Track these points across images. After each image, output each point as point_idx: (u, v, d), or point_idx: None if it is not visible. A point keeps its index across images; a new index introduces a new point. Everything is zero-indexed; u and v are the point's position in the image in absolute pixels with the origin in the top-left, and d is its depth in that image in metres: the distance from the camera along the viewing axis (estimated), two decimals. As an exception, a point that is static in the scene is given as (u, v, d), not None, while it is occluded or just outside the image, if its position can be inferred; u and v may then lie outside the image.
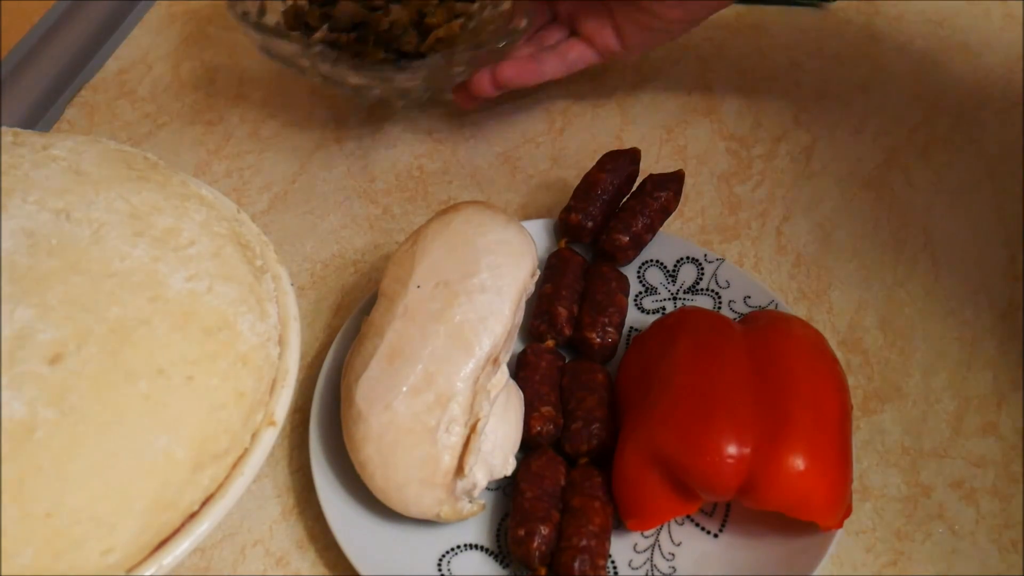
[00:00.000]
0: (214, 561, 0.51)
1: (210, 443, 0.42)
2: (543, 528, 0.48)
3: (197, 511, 0.42)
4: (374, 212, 0.67)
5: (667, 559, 0.49)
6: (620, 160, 0.62)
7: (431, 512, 0.48)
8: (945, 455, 0.54)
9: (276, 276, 0.51)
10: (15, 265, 0.41)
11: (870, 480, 0.53)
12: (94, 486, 0.39)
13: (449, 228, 0.53)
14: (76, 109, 0.75)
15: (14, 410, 0.38)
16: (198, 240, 0.47)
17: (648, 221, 0.59)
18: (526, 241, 0.54)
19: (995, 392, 0.57)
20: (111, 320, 0.41)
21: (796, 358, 0.50)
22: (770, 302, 0.58)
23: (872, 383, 0.57)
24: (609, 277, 0.58)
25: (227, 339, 0.44)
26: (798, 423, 0.47)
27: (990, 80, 0.72)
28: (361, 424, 0.48)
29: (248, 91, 0.76)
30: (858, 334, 0.60)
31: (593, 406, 0.52)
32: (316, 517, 0.51)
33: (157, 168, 0.51)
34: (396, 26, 0.66)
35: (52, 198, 0.45)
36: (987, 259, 0.64)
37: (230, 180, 0.69)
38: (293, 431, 0.55)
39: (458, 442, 0.48)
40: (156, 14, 0.83)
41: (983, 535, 0.51)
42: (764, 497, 0.46)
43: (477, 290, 0.50)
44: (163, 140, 0.72)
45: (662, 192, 0.60)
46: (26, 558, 0.37)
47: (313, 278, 0.64)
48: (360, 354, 0.51)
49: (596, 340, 0.56)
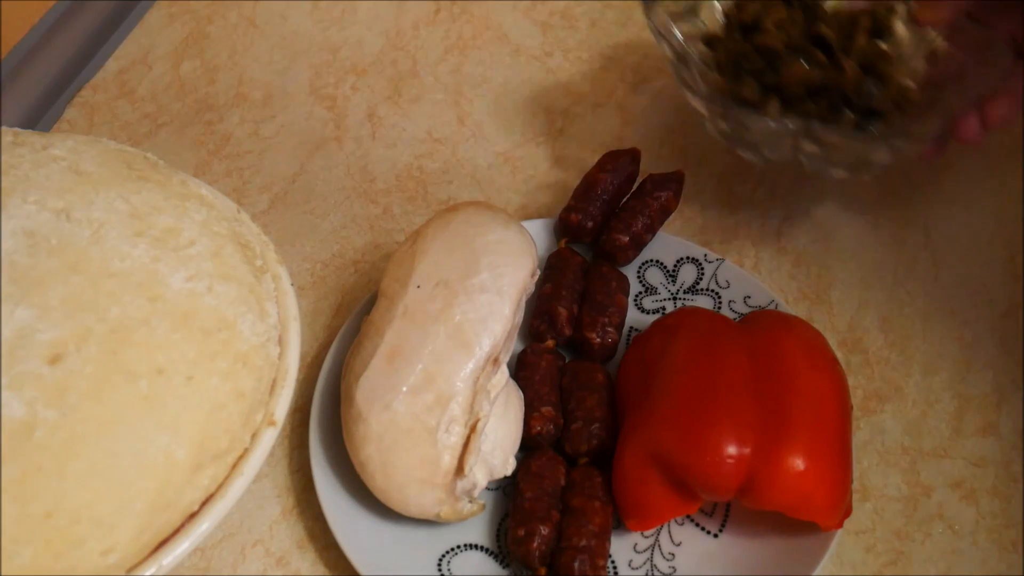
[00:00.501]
0: (214, 561, 0.51)
1: (210, 443, 0.42)
2: (543, 528, 0.48)
3: (197, 511, 0.42)
4: (374, 212, 0.67)
5: (667, 559, 0.49)
6: (620, 160, 0.62)
7: (431, 512, 0.48)
8: (945, 455, 0.54)
9: (276, 276, 0.51)
10: (15, 265, 0.41)
11: (870, 480, 0.53)
12: (94, 486, 0.39)
13: (449, 228, 0.53)
14: (76, 109, 0.74)
15: (14, 410, 0.38)
16: (198, 240, 0.47)
17: (648, 221, 0.59)
18: (526, 241, 0.54)
19: (995, 392, 0.57)
20: (111, 320, 0.41)
21: (796, 358, 0.50)
22: (770, 302, 0.58)
23: (872, 383, 0.57)
24: (609, 277, 0.58)
25: (227, 339, 0.44)
26: (798, 423, 0.47)
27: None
28: (361, 424, 0.48)
29: (248, 91, 0.76)
30: (858, 334, 0.60)
31: (593, 406, 0.52)
32: (316, 517, 0.51)
33: (157, 168, 0.51)
34: (862, 82, 0.57)
35: (52, 198, 0.45)
36: (987, 259, 0.64)
37: (230, 180, 0.69)
38: (293, 431, 0.55)
39: (458, 442, 0.47)
40: (156, 14, 0.83)
41: (983, 535, 0.51)
42: (764, 497, 0.46)
43: (477, 290, 0.50)
44: (163, 140, 0.72)
45: (662, 192, 0.60)
46: (26, 558, 0.37)
47: (313, 278, 0.64)
48: (360, 354, 0.51)
49: (596, 340, 0.56)
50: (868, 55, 0.59)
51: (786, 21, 0.61)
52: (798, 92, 0.57)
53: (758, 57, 0.59)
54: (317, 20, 0.82)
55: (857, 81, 0.56)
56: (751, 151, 0.59)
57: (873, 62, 0.59)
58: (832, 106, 0.57)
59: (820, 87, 0.57)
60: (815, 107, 0.57)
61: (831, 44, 0.59)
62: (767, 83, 0.58)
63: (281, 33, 0.81)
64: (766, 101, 0.58)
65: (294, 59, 0.79)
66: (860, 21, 0.61)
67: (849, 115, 0.57)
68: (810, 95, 0.57)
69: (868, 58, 0.59)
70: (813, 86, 0.57)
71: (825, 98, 0.57)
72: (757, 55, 0.59)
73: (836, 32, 0.60)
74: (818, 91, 0.57)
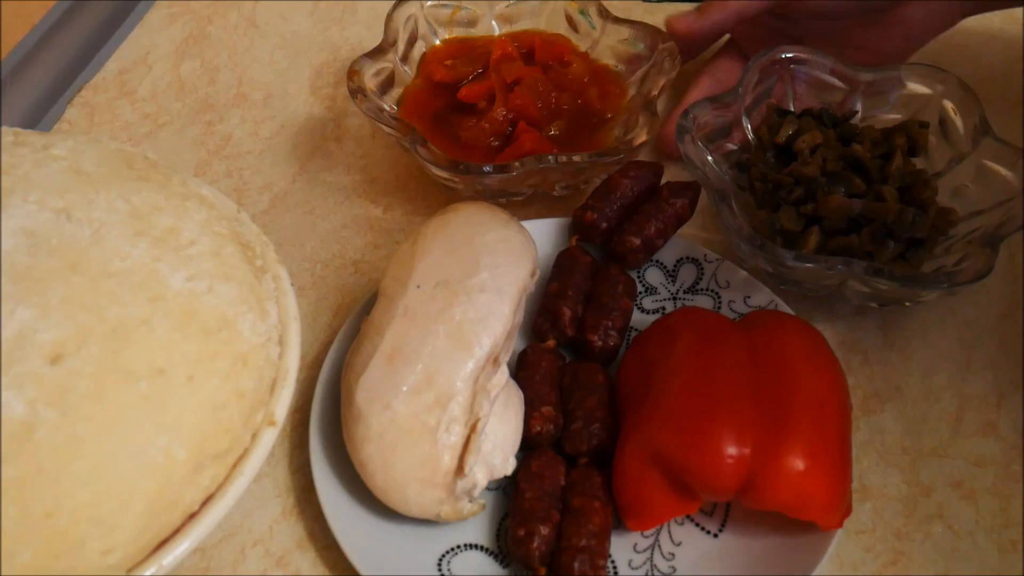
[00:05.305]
0: (214, 561, 0.51)
1: (210, 443, 0.42)
2: (543, 528, 0.48)
3: (197, 511, 0.42)
4: (374, 212, 0.67)
5: (667, 559, 0.49)
6: (643, 170, 0.61)
7: (431, 512, 0.48)
8: (945, 455, 0.54)
9: (276, 276, 0.51)
10: (15, 265, 0.41)
11: (870, 480, 0.53)
12: (94, 486, 0.39)
13: (449, 228, 0.53)
14: (76, 109, 0.75)
15: (14, 410, 0.38)
16: (198, 240, 0.47)
17: (661, 226, 0.59)
18: (526, 241, 0.54)
19: (995, 392, 0.57)
20: (111, 320, 0.41)
21: (796, 358, 0.50)
22: (770, 302, 0.58)
23: (872, 383, 0.57)
24: (617, 280, 0.58)
25: (227, 339, 0.44)
26: (798, 423, 0.47)
27: (990, 80, 0.72)
28: (361, 424, 0.48)
29: (248, 91, 0.76)
30: (858, 334, 0.60)
31: (593, 406, 0.52)
32: (316, 517, 0.51)
33: (157, 168, 0.51)
34: (904, 211, 0.55)
35: (52, 198, 0.45)
36: (987, 259, 0.64)
37: (230, 180, 0.69)
38: (293, 431, 0.55)
39: (458, 442, 0.48)
40: (156, 14, 0.83)
41: (983, 535, 0.51)
42: (764, 497, 0.46)
43: (477, 290, 0.50)
44: (163, 140, 0.72)
45: (678, 199, 0.60)
46: (26, 558, 0.37)
47: (313, 278, 0.64)
48: (360, 354, 0.51)
49: (597, 343, 0.56)
50: (907, 178, 0.58)
51: (820, 143, 0.60)
52: (839, 223, 0.56)
53: (796, 187, 0.58)
54: (317, 20, 0.82)
55: (899, 212, 0.55)
56: (794, 286, 0.59)
57: (911, 186, 0.58)
58: (874, 236, 0.56)
59: (861, 217, 0.56)
60: (857, 238, 0.56)
61: (868, 168, 0.58)
62: (806, 212, 0.57)
63: (281, 33, 0.81)
64: (806, 233, 0.57)
65: (294, 59, 0.79)
66: (896, 140, 0.60)
67: (892, 245, 0.56)
68: (851, 224, 0.57)
69: (907, 181, 0.58)
70: (853, 215, 0.56)
71: (867, 226, 0.56)
72: (795, 184, 0.58)
73: (871, 151, 0.60)
74: (859, 221, 0.57)
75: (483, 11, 0.71)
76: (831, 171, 0.58)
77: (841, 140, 0.61)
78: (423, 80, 0.68)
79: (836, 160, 0.59)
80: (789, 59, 0.65)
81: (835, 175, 0.58)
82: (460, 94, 0.66)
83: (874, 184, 0.58)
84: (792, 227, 0.57)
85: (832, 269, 0.54)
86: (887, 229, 0.56)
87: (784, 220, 0.57)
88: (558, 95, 0.66)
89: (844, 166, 0.59)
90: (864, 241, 0.56)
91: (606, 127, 0.66)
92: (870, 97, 0.65)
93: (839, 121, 0.63)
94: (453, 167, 0.59)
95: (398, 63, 0.68)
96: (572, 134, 0.65)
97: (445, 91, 0.67)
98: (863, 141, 0.60)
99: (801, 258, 0.54)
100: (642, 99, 0.65)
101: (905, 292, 0.55)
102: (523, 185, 0.63)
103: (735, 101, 0.63)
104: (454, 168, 0.59)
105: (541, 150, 0.61)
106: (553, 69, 0.67)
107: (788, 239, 0.58)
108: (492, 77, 0.66)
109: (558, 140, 0.64)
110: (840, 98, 0.65)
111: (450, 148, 0.64)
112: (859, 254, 0.56)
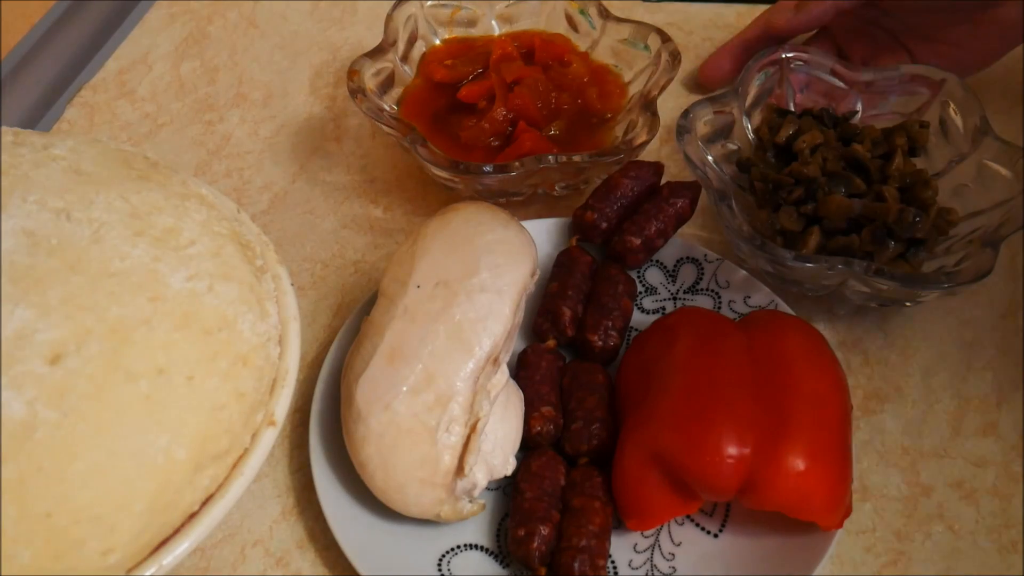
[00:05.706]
0: (214, 561, 0.51)
1: (210, 443, 0.42)
2: (543, 528, 0.48)
3: (197, 511, 0.42)
4: (374, 212, 0.67)
5: (667, 559, 0.49)
6: (644, 170, 0.61)
7: (431, 512, 0.48)
8: (945, 455, 0.54)
9: (276, 276, 0.51)
10: (15, 265, 0.41)
11: (870, 480, 0.53)
12: (94, 486, 0.39)
13: (449, 228, 0.53)
14: (76, 109, 0.75)
15: (14, 410, 0.38)
16: (198, 240, 0.47)
17: (662, 226, 0.59)
18: (526, 241, 0.54)
19: (995, 392, 0.57)
20: (111, 320, 0.41)
21: (796, 358, 0.50)
22: (770, 302, 0.58)
23: (872, 383, 0.57)
24: (617, 280, 0.58)
25: (227, 339, 0.44)
26: (798, 423, 0.47)
27: (990, 80, 0.72)
28: (361, 424, 0.48)
29: (248, 91, 0.76)
30: (858, 334, 0.60)
31: (593, 406, 0.52)
32: (316, 517, 0.51)
33: (157, 168, 0.51)
34: (904, 212, 0.56)
35: (52, 198, 0.45)
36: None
37: (230, 180, 0.69)
38: (293, 431, 0.55)
39: (458, 442, 0.47)
40: (156, 14, 0.83)
41: (983, 535, 0.51)
42: (764, 497, 0.46)
43: (477, 290, 0.50)
44: (163, 140, 0.72)
45: (678, 199, 0.60)
46: (26, 558, 0.37)
47: (313, 278, 0.64)
48: (360, 354, 0.51)
49: (598, 343, 0.56)
50: (907, 178, 0.58)
51: (821, 143, 0.60)
52: (839, 223, 0.57)
53: (796, 187, 0.58)
54: (317, 20, 0.82)
55: (899, 212, 0.55)
56: (794, 286, 0.59)
57: (912, 186, 0.58)
58: (875, 236, 0.56)
59: (862, 217, 0.56)
60: (858, 238, 0.56)
61: (868, 168, 0.58)
62: (806, 212, 0.57)
63: (281, 33, 0.81)
64: (807, 233, 0.57)
65: (294, 59, 0.79)
66: (896, 140, 0.60)
67: (892, 245, 0.56)
68: (851, 224, 0.57)
69: (907, 181, 0.58)
70: (854, 216, 0.56)
71: (867, 227, 0.56)
72: (795, 184, 0.58)
73: (871, 151, 0.60)
74: (859, 221, 0.57)
75: (483, 11, 0.71)
76: (831, 171, 0.58)
77: (841, 140, 0.61)
78: (423, 80, 0.68)
79: (836, 160, 0.59)
80: (789, 59, 0.65)
81: (835, 175, 0.58)
82: (460, 94, 0.66)
83: (874, 184, 0.58)
84: (792, 227, 0.57)
85: (832, 269, 0.54)
86: (887, 229, 0.56)
87: (784, 220, 0.58)
88: (558, 95, 0.66)
89: (844, 166, 0.59)
90: (864, 241, 0.56)
91: (606, 127, 0.66)
92: (870, 97, 0.65)
93: (839, 121, 0.63)
94: (453, 167, 0.59)
95: (398, 63, 0.67)
96: (572, 134, 0.65)
97: (445, 91, 0.67)
98: (863, 141, 0.61)
99: (801, 258, 0.54)
100: (642, 99, 0.65)
101: (905, 292, 0.55)
102: (523, 185, 0.63)
103: (735, 101, 0.63)
104: (454, 168, 0.59)
105: (541, 150, 0.61)
106: (553, 69, 0.67)
107: (788, 239, 0.58)
108: (492, 77, 0.66)
109: (558, 140, 0.64)
110: (840, 98, 0.65)
111: (450, 148, 0.64)
112: (859, 254, 0.56)
